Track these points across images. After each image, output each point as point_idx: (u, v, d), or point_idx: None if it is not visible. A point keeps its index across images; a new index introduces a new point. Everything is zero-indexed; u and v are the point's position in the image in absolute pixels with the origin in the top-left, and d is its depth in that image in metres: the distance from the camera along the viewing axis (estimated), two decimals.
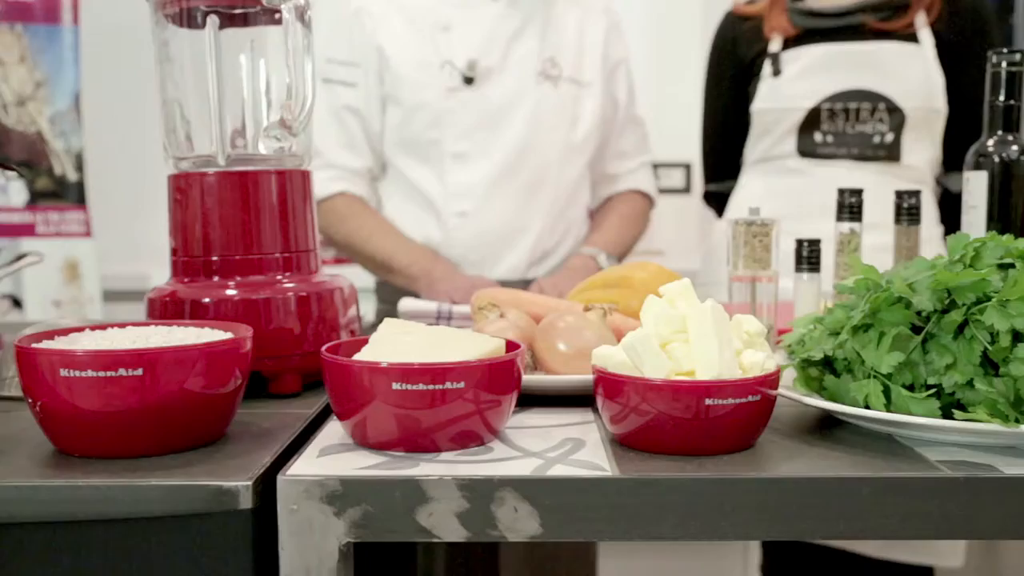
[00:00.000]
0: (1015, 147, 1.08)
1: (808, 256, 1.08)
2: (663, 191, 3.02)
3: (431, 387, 0.74)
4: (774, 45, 1.78)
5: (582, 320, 0.96)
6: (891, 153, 1.71)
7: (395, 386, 0.74)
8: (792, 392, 0.83)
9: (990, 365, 0.74)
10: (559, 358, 0.94)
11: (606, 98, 1.73)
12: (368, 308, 1.84)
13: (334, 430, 0.83)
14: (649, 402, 0.74)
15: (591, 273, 1.61)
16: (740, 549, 2.08)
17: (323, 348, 0.80)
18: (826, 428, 0.83)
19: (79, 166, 2.32)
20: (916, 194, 1.12)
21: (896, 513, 0.70)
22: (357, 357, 0.79)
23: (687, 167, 2.85)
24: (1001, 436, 0.73)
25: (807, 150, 1.75)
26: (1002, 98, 1.08)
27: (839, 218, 1.11)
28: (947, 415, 0.75)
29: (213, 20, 0.96)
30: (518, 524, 0.70)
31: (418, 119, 1.62)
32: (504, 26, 1.63)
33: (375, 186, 1.72)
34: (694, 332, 0.75)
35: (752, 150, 1.82)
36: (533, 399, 0.93)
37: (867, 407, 0.77)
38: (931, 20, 1.72)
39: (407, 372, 0.74)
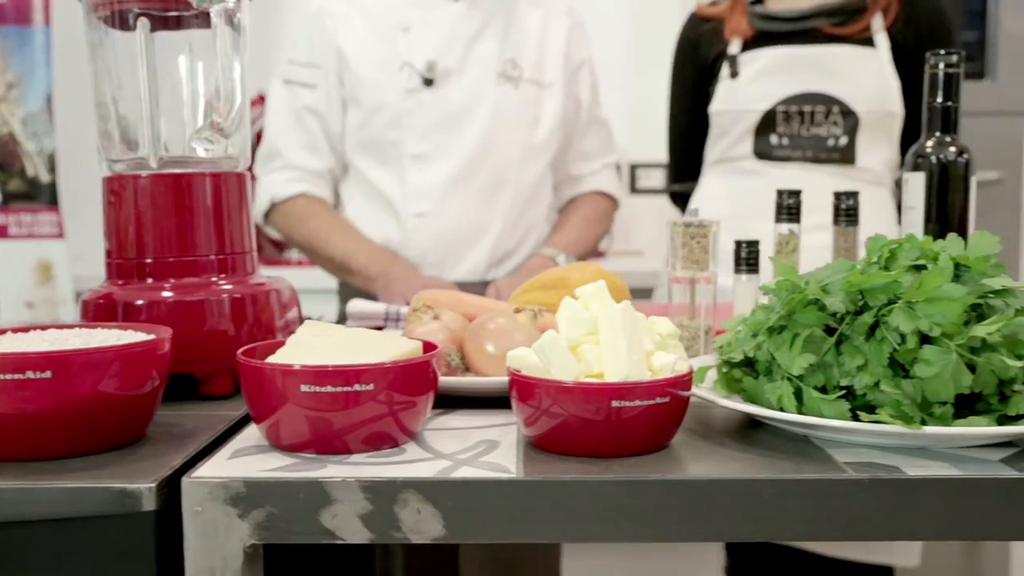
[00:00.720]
0: (952, 148, 1.08)
1: (747, 257, 1.08)
2: (642, 191, 3.02)
3: (340, 389, 0.74)
4: (733, 47, 1.79)
5: (512, 322, 0.96)
6: (845, 155, 1.71)
7: (304, 388, 0.74)
8: (708, 393, 0.83)
9: (899, 367, 0.74)
10: (487, 360, 0.94)
11: (568, 99, 1.73)
12: (331, 309, 1.84)
13: (253, 432, 0.83)
14: (559, 404, 0.74)
15: None
16: (704, 550, 2.08)
17: (239, 351, 0.80)
18: (746, 430, 0.83)
19: (51, 167, 2.32)
20: (854, 195, 1.12)
21: (799, 514, 0.70)
22: (271, 360, 0.79)
23: (666, 167, 2.85)
24: (907, 438, 0.73)
25: (763, 152, 1.75)
26: (940, 99, 1.08)
27: (778, 219, 1.12)
28: (862, 416, 0.75)
29: (144, 23, 0.96)
30: (421, 526, 0.70)
31: (378, 120, 1.62)
32: (464, 27, 1.63)
33: (336, 187, 1.72)
34: (604, 334, 0.75)
35: (711, 151, 1.83)
36: (460, 400, 0.93)
37: (781, 409, 0.77)
38: (888, 24, 1.73)
39: (316, 374, 0.74)
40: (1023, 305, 0.76)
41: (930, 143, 1.09)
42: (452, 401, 0.93)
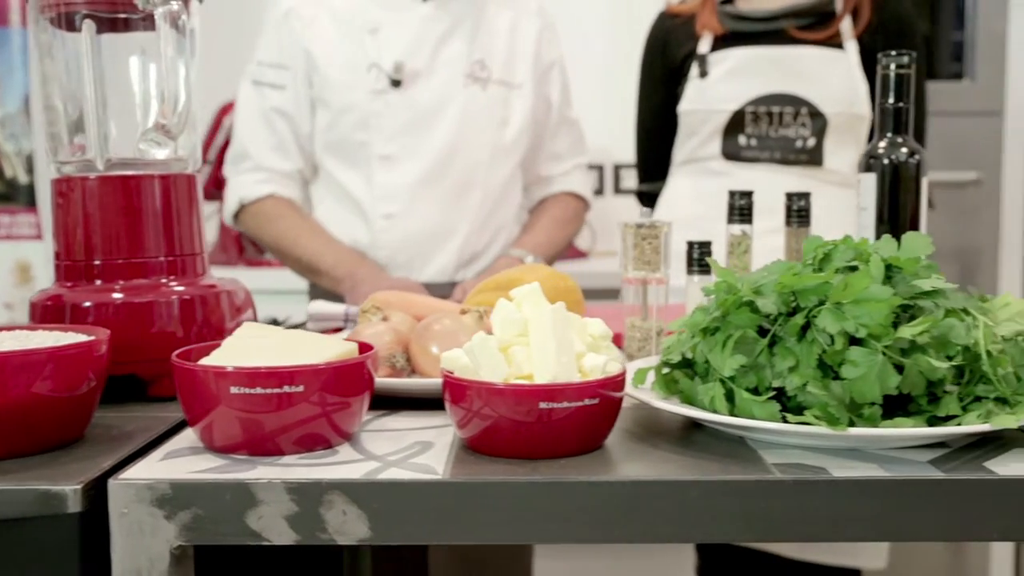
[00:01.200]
0: (904, 149, 1.08)
1: (699, 258, 1.08)
2: (626, 192, 3.02)
3: (270, 391, 0.75)
4: (702, 46, 1.79)
5: (457, 324, 0.96)
6: (813, 157, 1.72)
7: (234, 390, 0.74)
8: (644, 394, 0.83)
9: (828, 368, 0.74)
10: (432, 361, 0.94)
11: (538, 100, 1.73)
12: (302, 310, 1.84)
13: (190, 434, 0.83)
14: (489, 406, 0.74)
15: None
16: (678, 551, 2.08)
17: (174, 353, 0.81)
18: (684, 431, 0.83)
19: (29, 169, 2.32)
20: (805, 196, 1.12)
21: (724, 515, 0.70)
22: (204, 361, 0.79)
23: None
24: (834, 439, 0.73)
25: (731, 153, 1.76)
26: (891, 100, 1.08)
27: (730, 220, 1.12)
28: (790, 418, 0.75)
29: (89, 24, 0.96)
30: (347, 527, 0.70)
31: (346, 121, 1.62)
32: (432, 28, 1.63)
33: (306, 188, 1.72)
34: (534, 336, 0.76)
35: (679, 151, 1.83)
36: (404, 402, 0.93)
37: (714, 410, 0.78)
38: (858, 31, 1.73)
39: (247, 376, 0.74)
40: (953, 306, 0.76)
41: (882, 144, 1.09)
42: (396, 402, 0.93)
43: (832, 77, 1.73)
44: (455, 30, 1.65)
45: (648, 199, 1.96)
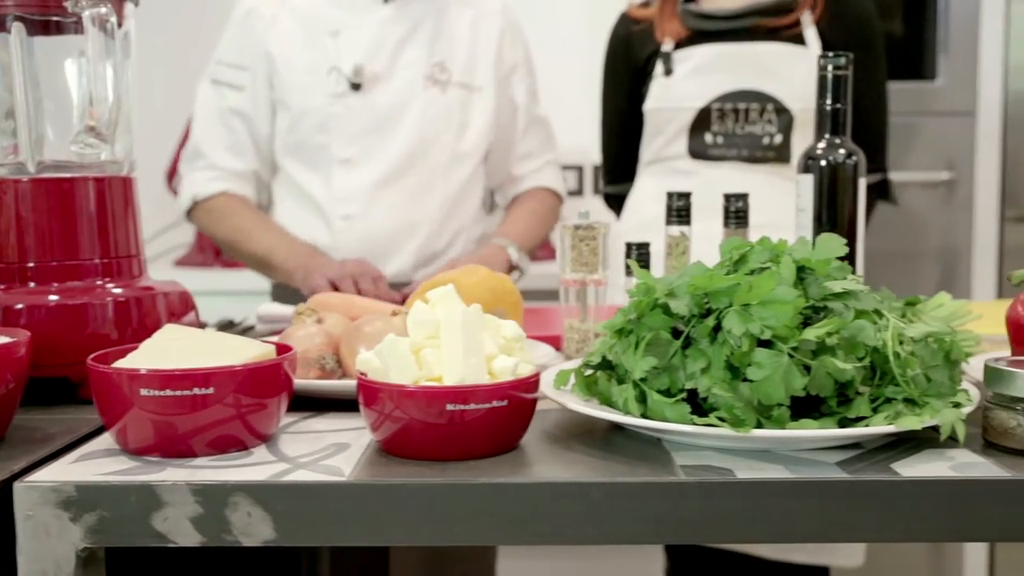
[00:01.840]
0: (842, 151, 1.08)
1: (637, 259, 1.08)
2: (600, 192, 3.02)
3: (180, 393, 0.75)
4: (666, 45, 1.79)
5: (388, 325, 0.96)
6: (780, 154, 1.71)
7: (144, 392, 0.74)
8: (560, 396, 0.83)
9: (738, 370, 0.74)
10: None
11: (502, 101, 1.73)
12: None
13: (108, 436, 0.83)
14: (400, 408, 0.74)
15: (501, 264, 1.61)
16: (646, 552, 2.08)
17: (90, 356, 0.81)
18: (604, 433, 0.83)
19: None
20: (743, 197, 1.12)
21: (629, 517, 0.70)
22: (118, 364, 0.79)
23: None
24: (742, 440, 0.73)
25: (698, 151, 1.76)
26: (829, 101, 1.08)
27: (668, 221, 1.12)
28: (696, 420, 0.75)
29: (18, 27, 0.97)
30: (251, 528, 0.71)
31: (306, 124, 1.62)
32: (392, 31, 1.64)
33: (261, 188, 1.72)
34: (444, 338, 0.76)
35: (645, 151, 1.83)
36: (333, 403, 0.93)
37: (628, 412, 0.78)
38: (815, 18, 1.73)
39: (158, 378, 0.75)
40: (864, 308, 0.76)
41: (820, 145, 1.09)
42: (323, 404, 0.93)
43: (796, 73, 1.72)
44: (415, 32, 1.65)
45: (615, 201, 1.96)
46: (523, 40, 1.78)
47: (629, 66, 1.83)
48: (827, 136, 1.09)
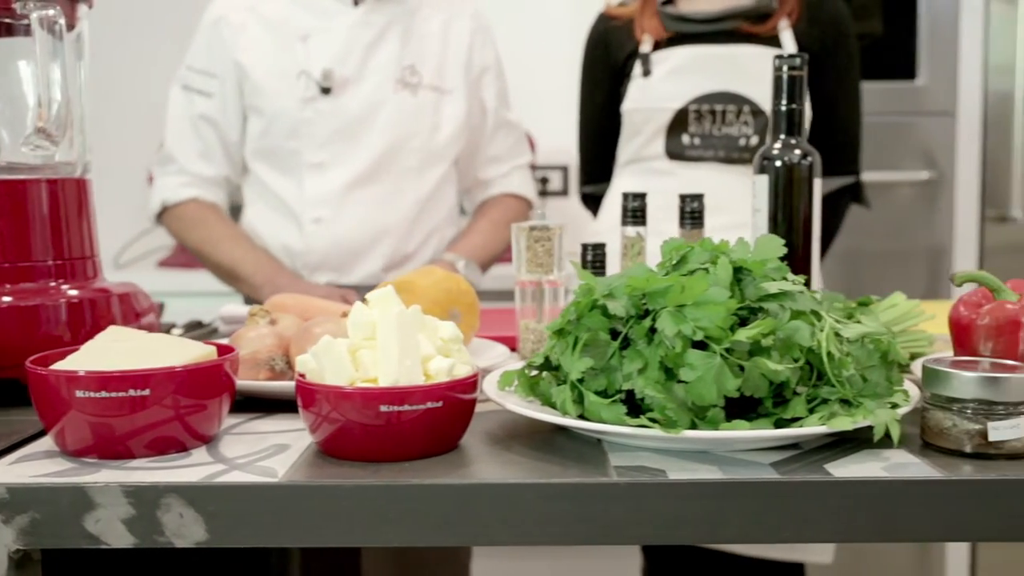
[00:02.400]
0: (797, 151, 1.08)
1: (592, 260, 1.08)
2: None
3: (117, 395, 0.75)
4: (645, 46, 1.79)
5: (338, 327, 0.96)
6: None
7: (80, 394, 0.75)
8: (501, 397, 0.83)
9: (672, 371, 0.74)
10: None
11: (472, 104, 1.73)
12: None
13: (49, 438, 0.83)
14: (336, 410, 0.74)
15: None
16: (620, 551, 2.08)
17: (29, 359, 0.81)
18: (547, 434, 0.83)
19: None
20: (699, 198, 1.12)
21: (559, 518, 0.70)
22: (57, 366, 0.79)
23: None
24: (673, 441, 0.73)
25: (675, 152, 1.76)
26: (784, 102, 1.08)
27: (624, 222, 1.12)
28: (628, 421, 0.75)
29: None
30: (184, 530, 0.71)
31: (276, 129, 1.63)
32: (362, 35, 1.64)
33: (232, 193, 1.72)
34: (379, 339, 0.76)
35: (623, 151, 1.83)
36: (280, 404, 0.93)
37: (565, 412, 0.78)
38: (792, 23, 1.73)
39: (94, 380, 0.75)
40: (801, 309, 0.76)
41: (776, 146, 1.09)
42: (271, 405, 0.93)
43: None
44: (385, 36, 1.65)
45: (592, 201, 1.96)
46: (493, 43, 1.78)
47: (607, 66, 1.83)
48: (783, 137, 1.08)
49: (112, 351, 0.81)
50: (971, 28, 2.38)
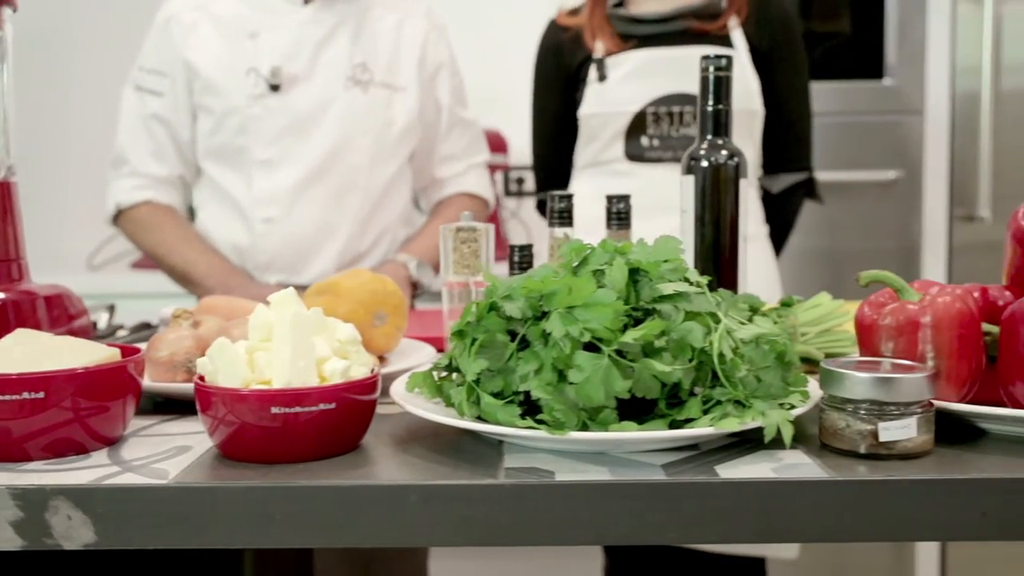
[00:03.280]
0: (724, 152, 1.08)
1: (519, 261, 1.08)
2: None
3: (11, 397, 0.75)
4: (599, 51, 1.79)
5: None
6: None
7: None
8: (405, 399, 0.83)
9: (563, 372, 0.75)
10: None
11: (426, 101, 1.73)
12: None
13: None
14: (231, 412, 0.75)
15: (401, 281, 1.62)
16: (582, 549, 2.08)
17: None
18: (452, 434, 0.83)
19: None
20: (625, 199, 1.12)
21: (442, 520, 0.70)
22: None
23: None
24: (562, 443, 0.73)
25: (635, 154, 1.76)
26: (711, 103, 1.08)
27: (550, 223, 1.12)
28: (517, 423, 0.75)
29: None
30: (72, 532, 0.71)
31: (226, 127, 1.63)
32: (312, 32, 1.64)
33: (187, 192, 1.72)
34: (274, 341, 0.76)
35: (580, 155, 1.84)
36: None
37: (462, 414, 0.78)
38: (741, 21, 1.74)
39: None
40: (695, 310, 0.76)
41: (703, 147, 1.09)
42: (189, 407, 0.93)
43: None
44: (336, 33, 1.65)
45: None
46: (448, 42, 1.78)
47: (560, 73, 1.84)
48: (709, 137, 1.08)
49: (14, 354, 0.81)
50: (938, 28, 2.38)
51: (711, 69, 1.08)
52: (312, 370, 0.75)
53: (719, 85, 1.08)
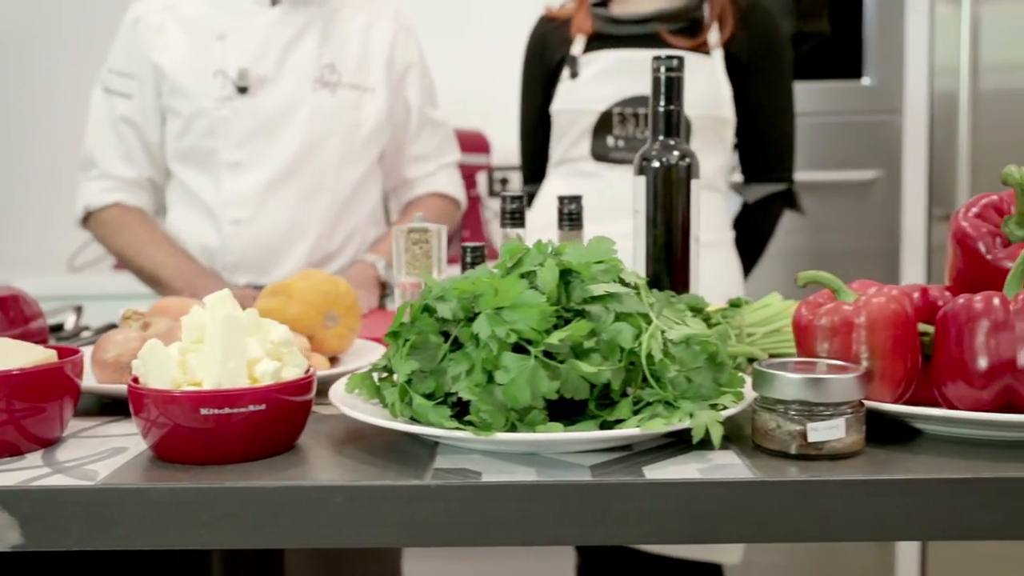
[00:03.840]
0: (676, 152, 1.08)
1: (471, 262, 1.08)
2: None
3: None
4: (575, 48, 1.80)
5: None
6: None
7: None
8: (347, 399, 0.83)
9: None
10: None
11: (395, 102, 1.73)
12: None
13: None
14: (163, 414, 0.75)
15: (369, 281, 1.62)
16: (554, 551, 2.08)
17: None
18: (391, 436, 0.83)
19: None
20: (577, 199, 1.13)
21: (368, 520, 0.70)
22: None
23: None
24: (488, 443, 0.74)
25: (600, 154, 1.76)
26: (662, 104, 1.08)
27: (502, 224, 1.12)
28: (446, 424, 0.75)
29: None
30: None
31: (194, 129, 1.63)
32: (279, 34, 1.64)
33: (157, 194, 1.73)
34: (206, 342, 0.76)
35: (553, 152, 1.85)
36: None
37: (395, 415, 0.78)
38: (724, 40, 1.74)
39: None
40: (627, 311, 0.76)
41: (655, 147, 1.09)
42: None
43: (696, 81, 1.73)
44: (303, 35, 1.65)
45: (532, 201, 1.96)
46: (417, 43, 1.78)
47: (543, 67, 1.85)
48: (661, 138, 1.09)
49: None
50: (917, 29, 2.38)
51: (662, 70, 1.08)
52: (243, 371, 0.75)
53: (670, 86, 1.08)
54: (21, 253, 2.79)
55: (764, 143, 1.82)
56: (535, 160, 1.93)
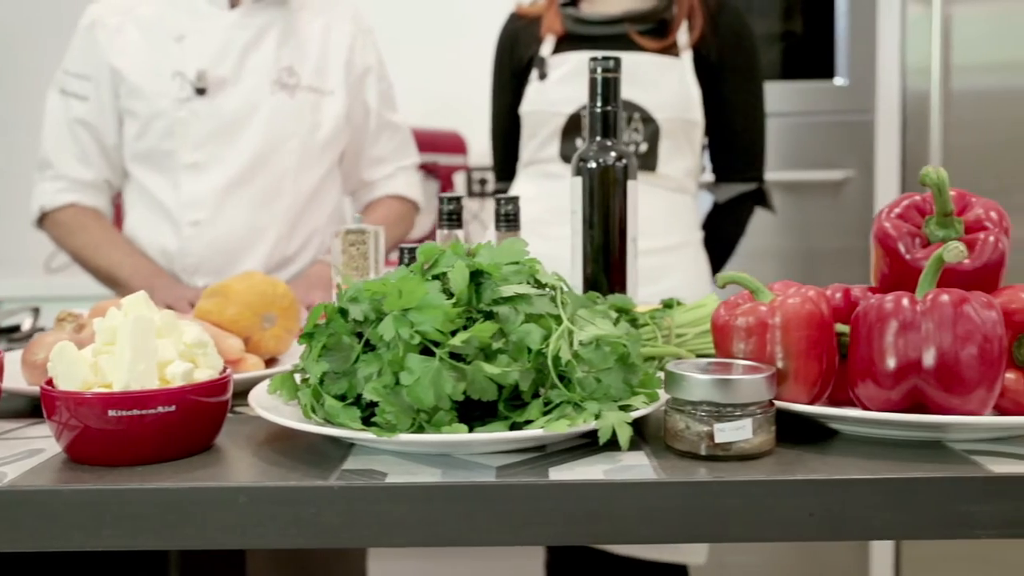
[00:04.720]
0: (612, 153, 1.08)
1: (408, 263, 1.08)
2: None
3: None
4: (544, 49, 1.80)
5: None
6: (647, 162, 1.72)
7: None
8: (264, 403, 0.83)
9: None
10: None
11: (354, 105, 1.74)
12: None
13: None
14: (73, 415, 0.75)
15: (328, 281, 1.62)
16: (523, 551, 2.09)
17: None
18: (312, 437, 0.83)
19: None
20: (514, 200, 1.13)
21: (272, 521, 0.71)
22: None
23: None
24: (393, 444, 0.74)
25: (568, 155, 1.76)
26: (599, 104, 1.08)
27: (439, 225, 1.12)
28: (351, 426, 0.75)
29: None
30: None
31: (152, 130, 1.63)
32: (238, 36, 1.64)
33: (112, 196, 1.73)
34: (117, 344, 0.76)
35: (523, 153, 1.85)
36: None
37: (308, 416, 0.78)
38: (693, 41, 1.74)
39: None
40: (536, 312, 0.76)
41: (592, 148, 1.09)
42: None
43: (665, 83, 1.73)
44: (262, 37, 1.66)
45: None
46: (375, 46, 1.79)
47: (512, 65, 1.85)
48: (598, 139, 1.09)
49: None
50: (889, 29, 2.38)
51: (599, 71, 1.08)
52: (153, 373, 0.76)
53: (607, 86, 1.09)
54: None
55: (734, 143, 1.82)
56: (506, 157, 1.94)
